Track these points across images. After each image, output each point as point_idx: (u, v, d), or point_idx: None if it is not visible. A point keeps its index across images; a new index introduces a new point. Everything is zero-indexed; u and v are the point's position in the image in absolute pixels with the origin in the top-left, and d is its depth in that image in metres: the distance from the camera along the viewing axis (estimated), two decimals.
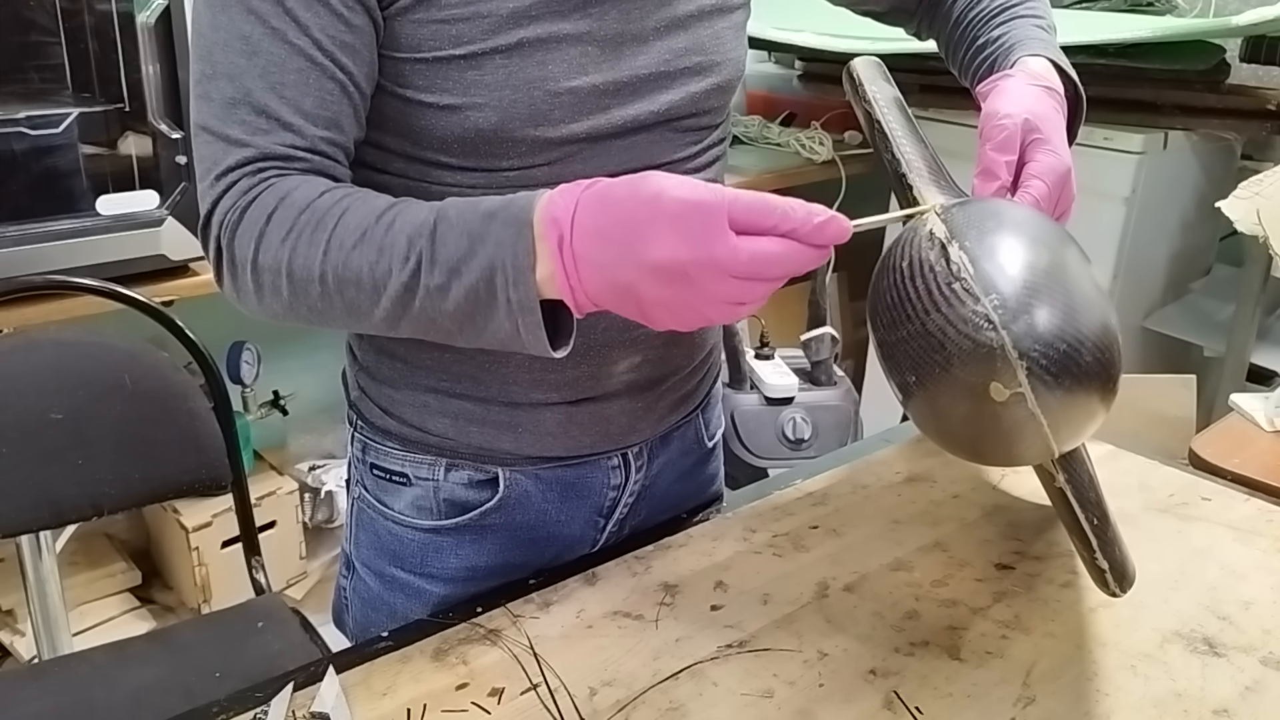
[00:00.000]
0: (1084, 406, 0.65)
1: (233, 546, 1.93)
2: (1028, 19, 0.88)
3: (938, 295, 0.65)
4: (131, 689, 1.20)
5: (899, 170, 0.80)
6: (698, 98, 0.81)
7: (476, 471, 0.87)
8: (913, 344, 0.67)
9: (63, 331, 1.32)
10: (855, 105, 0.88)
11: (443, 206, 0.66)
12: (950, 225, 0.67)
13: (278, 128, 0.69)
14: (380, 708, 0.70)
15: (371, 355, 0.87)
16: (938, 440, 0.74)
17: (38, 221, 1.49)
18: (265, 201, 0.68)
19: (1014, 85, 0.79)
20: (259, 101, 0.68)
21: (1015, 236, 0.67)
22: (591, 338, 0.81)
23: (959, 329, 0.63)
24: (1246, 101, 1.94)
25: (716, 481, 1.06)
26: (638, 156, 0.79)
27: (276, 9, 0.68)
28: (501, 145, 0.75)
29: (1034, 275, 0.64)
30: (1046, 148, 0.76)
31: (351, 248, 0.66)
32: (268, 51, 0.68)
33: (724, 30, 0.83)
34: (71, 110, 1.59)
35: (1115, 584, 0.74)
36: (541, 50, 0.73)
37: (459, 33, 0.71)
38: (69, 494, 1.23)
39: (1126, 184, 2.01)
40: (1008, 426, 0.64)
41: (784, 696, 0.72)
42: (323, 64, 0.69)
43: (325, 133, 0.70)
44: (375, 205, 0.67)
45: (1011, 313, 0.62)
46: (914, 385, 0.68)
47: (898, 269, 0.69)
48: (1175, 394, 1.82)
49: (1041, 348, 0.62)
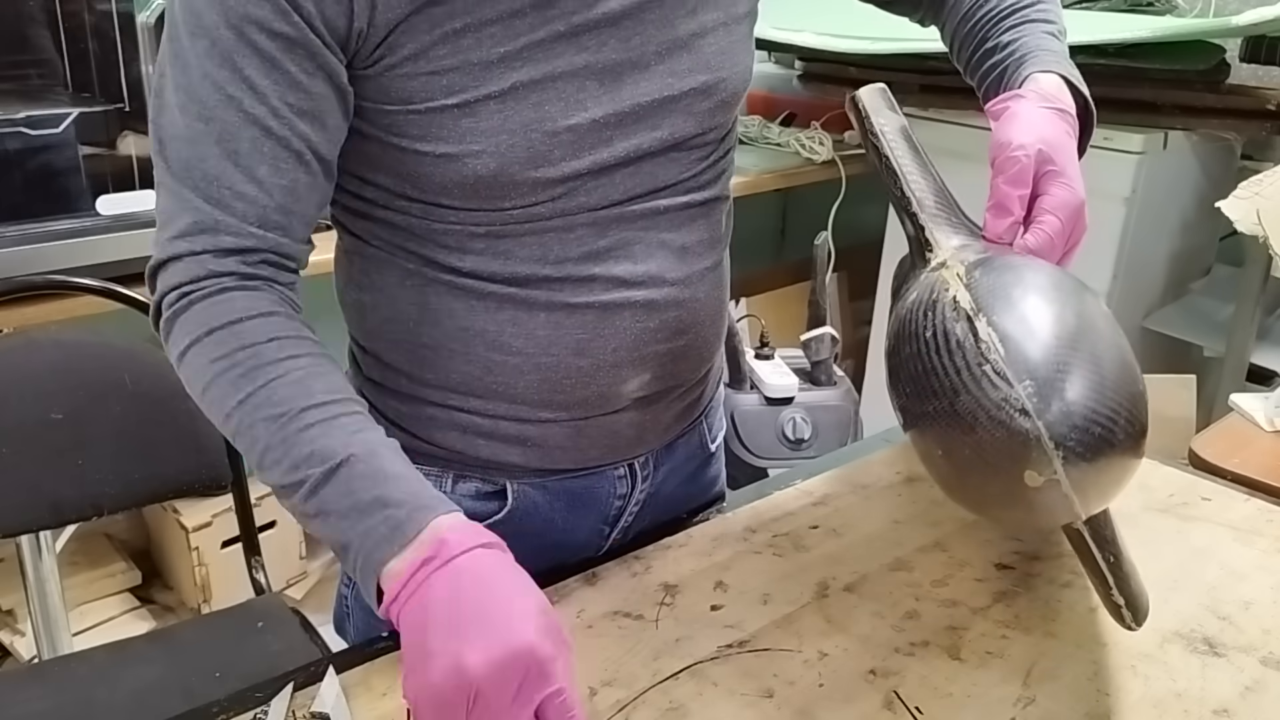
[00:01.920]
0: (1116, 473, 0.65)
1: (233, 546, 1.94)
2: (1039, 24, 0.87)
3: (966, 376, 0.64)
4: (131, 689, 1.20)
5: (910, 209, 0.80)
6: (703, 117, 0.80)
7: (484, 483, 0.87)
8: (940, 421, 0.66)
9: (62, 331, 1.32)
10: (861, 137, 0.86)
11: (353, 455, 0.65)
12: (975, 295, 0.66)
13: (230, 196, 0.68)
14: (380, 708, 0.70)
15: (377, 368, 0.86)
16: (960, 505, 0.74)
17: (37, 221, 1.49)
18: (215, 312, 0.68)
19: (1025, 109, 0.77)
20: (213, 169, 0.68)
21: (1043, 305, 0.66)
22: (602, 358, 0.81)
23: (991, 415, 0.63)
24: (1246, 101, 1.94)
25: (718, 483, 1.06)
26: (643, 183, 0.78)
27: (234, 76, 0.66)
28: (502, 188, 0.74)
29: (1064, 352, 0.63)
30: (1061, 180, 0.75)
31: (263, 420, 0.66)
32: (222, 119, 0.67)
33: (730, 44, 0.80)
34: (71, 110, 1.59)
35: (1130, 618, 0.73)
36: (536, 91, 0.72)
37: (450, 83, 0.70)
38: (69, 494, 1.23)
39: (1126, 184, 2.01)
40: (1038, 507, 0.64)
41: (784, 696, 0.72)
42: (279, 134, 0.68)
43: (279, 201, 0.70)
44: (310, 390, 0.67)
45: (1045, 400, 0.62)
46: (940, 458, 0.68)
47: (921, 338, 0.68)
48: (1175, 394, 1.82)
49: (1077, 435, 0.62)
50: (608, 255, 0.79)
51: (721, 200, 0.87)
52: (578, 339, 0.79)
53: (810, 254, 2.06)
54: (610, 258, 0.79)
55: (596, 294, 0.79)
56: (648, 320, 0.81)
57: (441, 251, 0.78)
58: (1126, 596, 0.72)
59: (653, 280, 0.80)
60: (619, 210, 0.78)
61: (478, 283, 0.78)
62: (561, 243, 0.77)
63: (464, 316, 0.79)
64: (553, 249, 0.77)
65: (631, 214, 0.79)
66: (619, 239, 0.79)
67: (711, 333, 0.88)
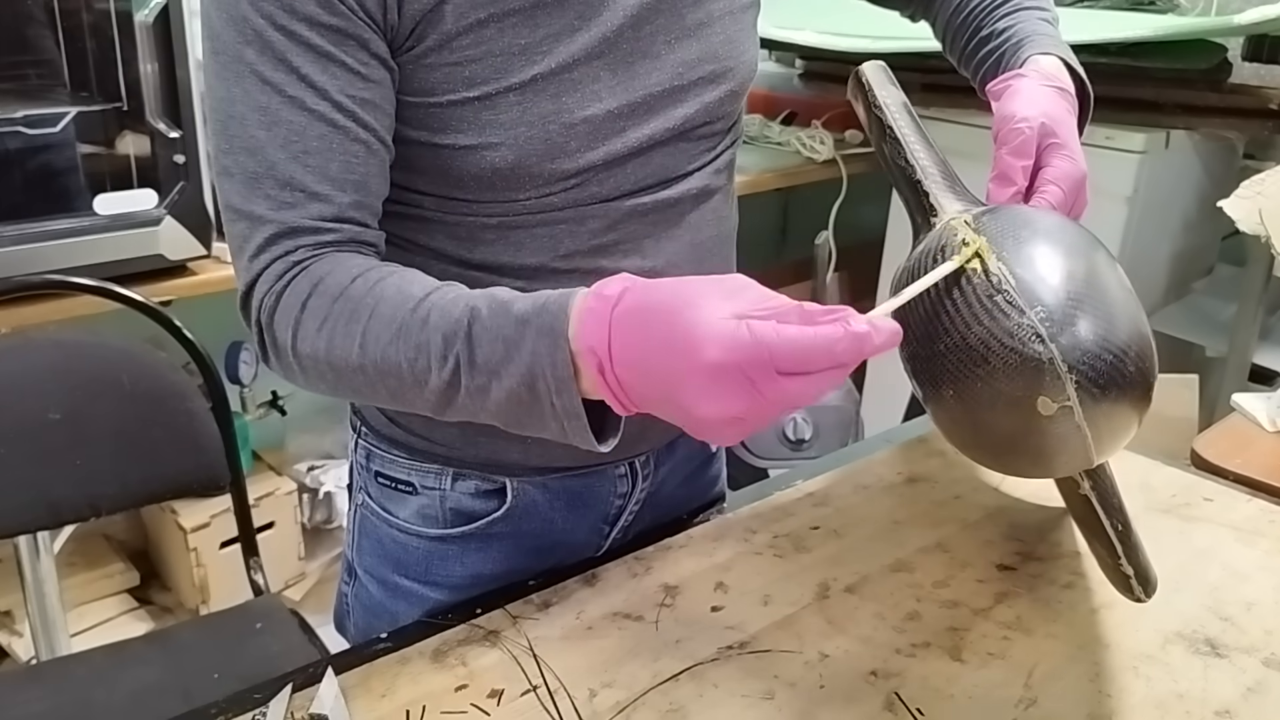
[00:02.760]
0: (1126, 415, 0.65)
1: (231, 547, 1.93)
2: (1033, 10, 0.88)
3: (978, 308, 0.64)
4: (130, 690, 1.20)
5: (914, 177, 0.79)
6: (712, 106, 0.80)
7: (484, 481, 0.87)
8: (951, 358, 0.66)
9: (60, 331, 1.32)
10: (863, 111, 0.87)
11: (475, 305, 0.64)
12: (984, 235, 0.66)
13: (304, 199, 0.67)
14: (379, 709, 0.70)
15: None
16: (969, 451, 0.73)
17: (35, 221, 1.49)
18: (299, 288, 0.67)
19: (1028, 86, 0.78)
20: (283, 174, 0.67)
21: (1050, 245, 0.66)
22: None
23: (1004, 343, 0.62)
24: (1248, 101, 1.94)
25: (719, 483, 1.06)
26: (653, 172, 0.79)
27: (291, 76, 0.66)
28: (518, 180, 0.74)
29: (1075, 285, 0.63)
30: (1063, 152, 0.75)
31: (388, 342, 0.65)
32: (287, 121, 0.66)
33: (736, 33, 0.81)
34: (69, 109, 1.59)
35: (1140, 589, 0.73)
36: (555, 83, 0.72)
37: (472, 74, 0.70)
38: (67, 494, 1.23)
39: (1128, 183, 2.01)
40: (1051, 440, 0.64)
41: (785, 698, 0.72)
42: (345, 126, 0.67)
43: (354, 197, 0.69)
44: (409, 294, 0.66)
45: (1058, 325, 0.62)
46: (952, 398, 0.67)
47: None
48: (1177, 394, 1.82)
49: (1089, 360, 0.61)
50: (616, 249, 0.79)
51: (728, 192, 0.88)
52: None
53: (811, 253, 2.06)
54: (619, 251, 0.79)
55: None
56: None
57: (452, 243, 0.78)
58: (1135, 567, 0.72)
59: (660, 274, 0.80)
60: (631, 202, 0.78)
61: (484, 274, 0.78)
62: (572, 235, 0.78)
63: None
64: (563, 241, 0.78)
65: (643, 206, 0.79)
66: (629, 232, 0.79)
67: None
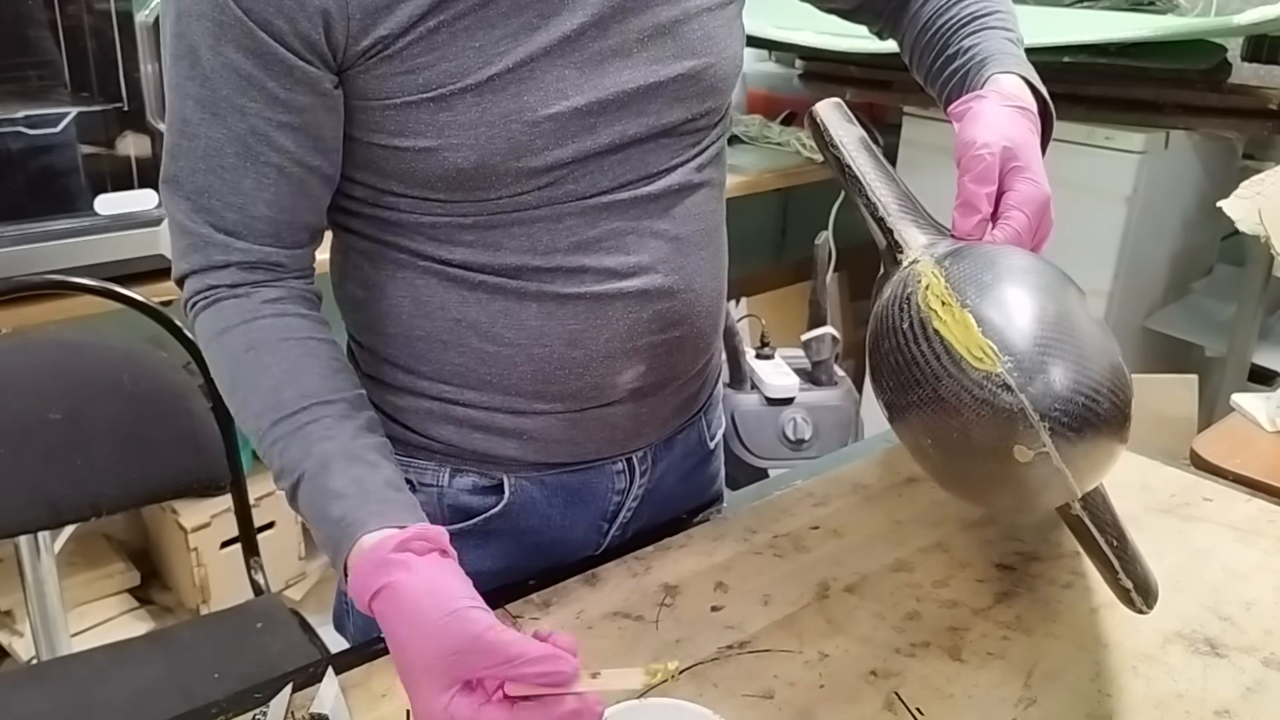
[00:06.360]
0: (1105, 449, 0.65)
1: (231, 547, 1.93)
2: (998, 30, 0.87)
3: (946, 360, 0.64)
4: (130, 690, 1.20)
5: (877, 214, 0.80)
6: (693, 103, 0.80)
7: (481, 477, 0.87)
8: (925, 410, 0.66)
9: (61, 331, 1.32)
10: (823, 151, 0.87)
11: (304, 474, 0.69)
12: (949, 282, 0.66)
13: (220, 207, 0.73)
14: (379, 709, 0.70)
15: (373, 363, 0.86)
16: (953, 494, 0.73)
17: (36, 221, 1.49)
18: (208, 324, 0.75)
19: (988, 109, 0.78)
20: (200, 182, 0.72)
21: (1017, 287, 0.66)
22: (595, 349, 0.81)
23: (974, 394, 0.63)
24: (1248, 101, 1.94)
25: (717, 482, 1.06)
26: (632, 169, 0.79)
27: (215, 95, 0.70)
28: (485, 179, 0.74)
29: (1043, 329, 0.63)
30: (1025, 176, 0.75)
31: (251, 432, 0.73)
32: (206, 136, 0.71)
33: (715, 29, 0.80)
34: (70, 110, 1.59)
35: (1141, 601, 0.73)
36: (514, 83, 0.72)
37: (426, 79, 0.71)
38: (67, 494, 1.23)
39: (1128, 183, 2.01)
40: (1032, 483, 0.64)
41: (785, 698, 0.72)
42: (257, 150, 0.71)
43: (265, 211, 0.73)
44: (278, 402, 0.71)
45: (1027, 374, 0.62)
46: (930, 447, 0.68)
47: (899, 331, 0.68)
48: (1177, 394, 1.82)
49: (1062, 405, 0.62)
50: (598, 246, 0.79)
51: (715, 186, 0.87)
52: (570, 330, 0.80)
53: (811, 253, 2.06)
54: (601, 249, 0.79)
55: (588, 285, 0.79)
56: (641, 311, 0.81)
57: (431, 244, 0.78)
58: (1135, 580, 0.72)
59: (645, 271, 0.80)
60: (609, 198, 0.78)
61: (468, 274, 0.78)
62: (550, 233, 0.78)
63: (456, 308, 0.79)
64: (542, 239, 0.78)
65: (622, 202, 0.79)
66: (610, 229, 0.79)
67: (708, 325, 0.88)
